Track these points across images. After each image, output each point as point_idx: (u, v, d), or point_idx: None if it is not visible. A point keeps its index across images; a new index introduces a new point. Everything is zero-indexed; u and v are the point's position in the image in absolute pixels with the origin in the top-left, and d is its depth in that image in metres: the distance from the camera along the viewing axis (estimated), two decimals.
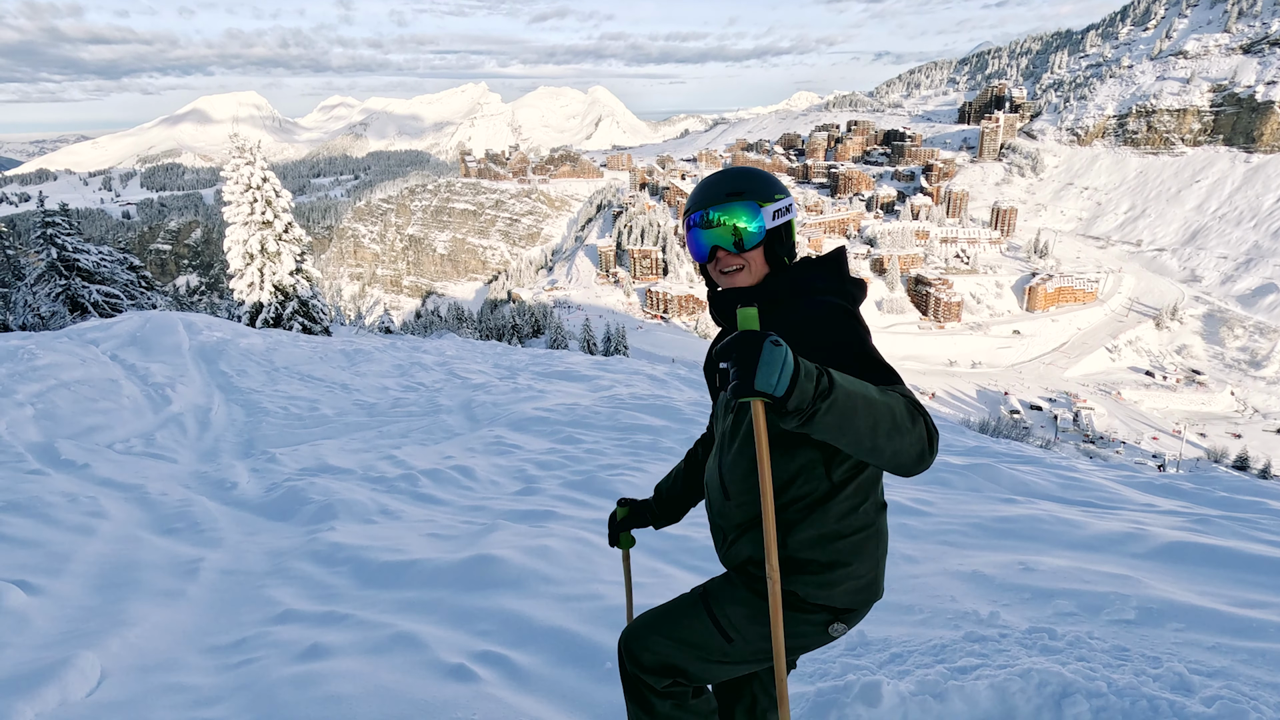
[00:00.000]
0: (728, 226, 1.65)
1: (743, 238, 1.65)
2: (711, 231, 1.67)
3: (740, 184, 1.67)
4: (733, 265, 1.68)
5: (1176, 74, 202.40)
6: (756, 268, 1.69)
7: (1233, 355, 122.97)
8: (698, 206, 1.69)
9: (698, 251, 1.71)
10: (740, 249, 1.66)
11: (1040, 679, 2.12)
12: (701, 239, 1.69)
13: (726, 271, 1.69)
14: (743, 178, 1.69)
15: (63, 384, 9.06)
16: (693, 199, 1.72)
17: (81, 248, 24.90)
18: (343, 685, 2.28)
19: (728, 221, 1.65)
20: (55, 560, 3.49)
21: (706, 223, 1.67)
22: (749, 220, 1.65)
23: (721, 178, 1.70)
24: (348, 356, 14.22)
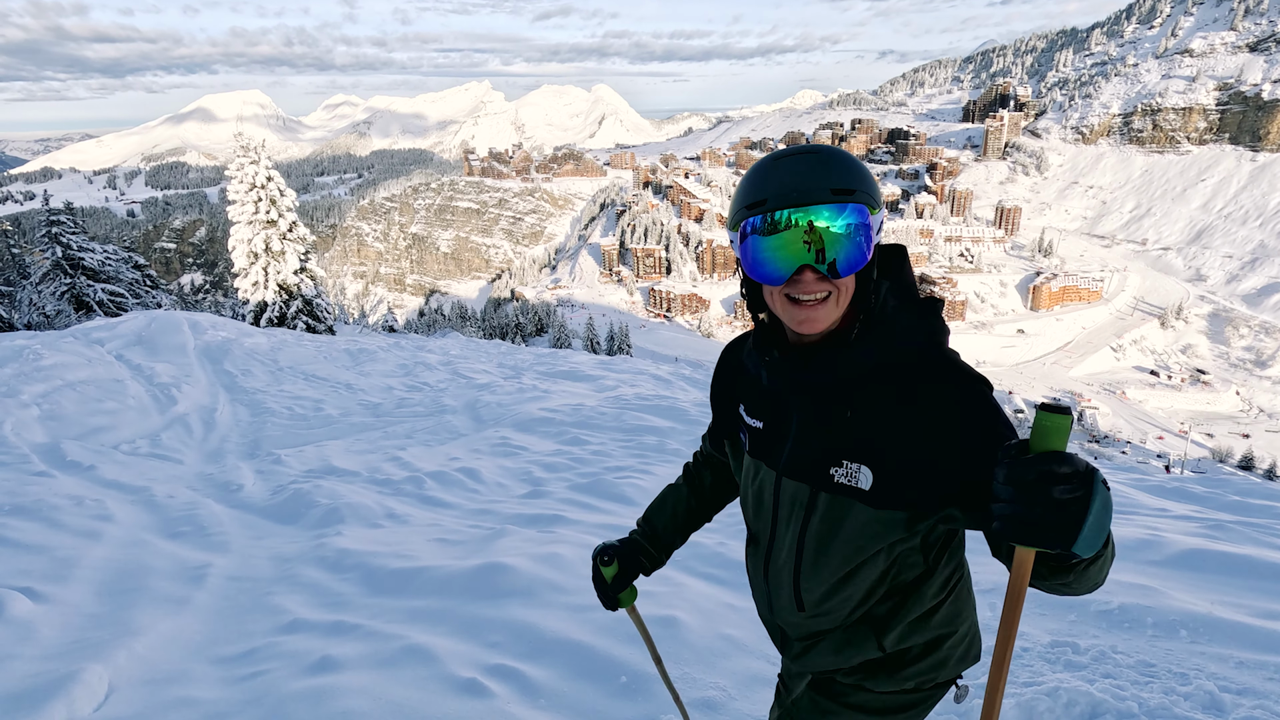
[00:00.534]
0: (821, 236, 1.12)
1: (841, 257, 1.13)
2: (794, 242, 1.13)
3: (849, 177, 1.13)
4: (818, 293, 1.15)
5: (1182, 72, 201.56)
6: (845, 298, 1.18)
7: (1238, 355, 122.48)
8: (778, 202, 1.13)
9: (768, 269, 1.16)
10: (834, 273, 1.14)
11: (1069, 698, 2.07)
12: (775, 252, 1.14)
13: (804, 301, 1.16)
14: (849, 168, 1.15)
15: (68, 384, 9.04)
16: (761, 187, 1.16)
17: (86, 246, 24.93)
18: (355, 701, 2.24)
19: (825, 231, 1.12)
20: (61, 566, 3.45)
21: (786, 226, 1.13)
22: (854, 232, 1.13)
23: (815, 163, 1.14)
24: (352, 356, 14.20)
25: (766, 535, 1.41)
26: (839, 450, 1.23)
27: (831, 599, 1.33)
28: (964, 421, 1.12)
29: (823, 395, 1.24)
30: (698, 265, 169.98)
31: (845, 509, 1.23)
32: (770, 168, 1.18)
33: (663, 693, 2.36)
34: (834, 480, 1.23)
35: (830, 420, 1.24)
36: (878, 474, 1.18)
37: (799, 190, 1.12)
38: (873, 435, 1.19)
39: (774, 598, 1.43)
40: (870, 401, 1.20)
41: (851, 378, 1.21)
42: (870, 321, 1.21)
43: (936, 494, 1.15)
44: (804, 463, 1.28)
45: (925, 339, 1.22)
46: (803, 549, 1.31)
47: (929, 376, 1.18)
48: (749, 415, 1.40)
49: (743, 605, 3.02)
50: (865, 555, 1.26)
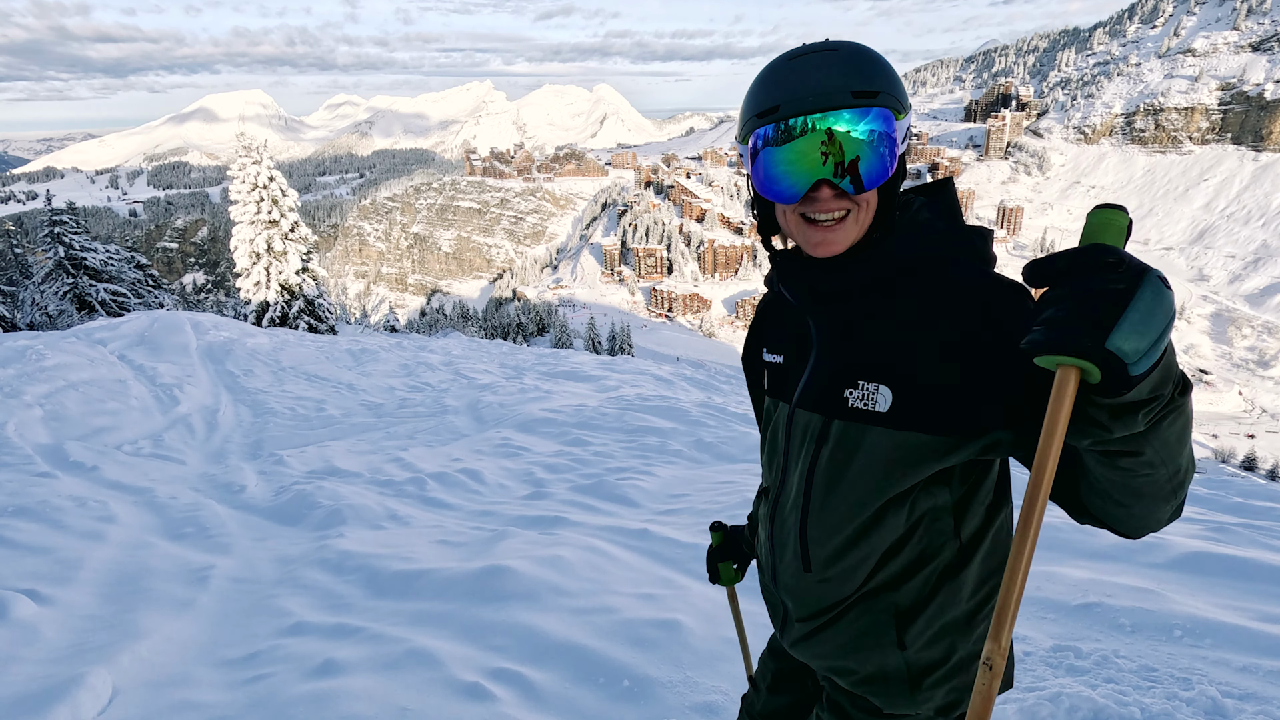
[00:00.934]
0: (841, 146, 0.98)
1: (862, 169, 0.99)
2: (809, 153, 0.99)
3: (873, 77, 0.99)
4: (838, 210, 1.02)
5: (1184, 72, 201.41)
6: (866, 216, 1.04)
7: (1240, 355, 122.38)
8: (792, 108, 0.98)
9: (781, 185, 1.02)
10: (857, 187, 1.00)
11: (1070, 703, 2.07)
12: (789, 165, 1.00)
13: (822, 221, 1.03)
14: (873, 67, 1.00)
15: (71, 385, 9.06)
16: (773, 91, 1.01)
17: (89, 246, 24.99)
18: (358, 705, 2.25)
19: (845, 138, 0.97)
20: (65, 568, 3.46)
21: (801, 133, 0.98)
22: (877, 141, 0.99)
23: (835, 62, 0.99)
24: (354, 356, 14.22)
25: (777, 481, 1.23)
26: (854, 368, 1.08)
27: (843, 558, 1.13)
28: (1002, 328, 0.96)
29: (838, 306, 1.11)
30: (699, 265, 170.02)
31: (860, 436, 1.07)
32: (784, 68, 1.02)
33: (666, 696, 2.36)
34: (848, 404, 1.08)
35: (846, 334, 1.11)
36: (898, 392, 1.03)
37: (816, 93, 0.98)
38: (893, 348, 1.04)
39: (778, 558, 1.24)
40: (889, 309, 1.07)
41: (868, 281, 1.07)
42: (892, 227, 1.08)
43: (971, 413, 0.98)
44: (818, 389, 1.13)
45: (960, 248, 1.07)
46: (810, 489, 1.14)
47: (960, 279, 1.03)
48: (770, 352, 1.28)
49: (747, 609, 3.02)
50: (883, 496, 1.07)
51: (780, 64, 1.03)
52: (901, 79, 1.05)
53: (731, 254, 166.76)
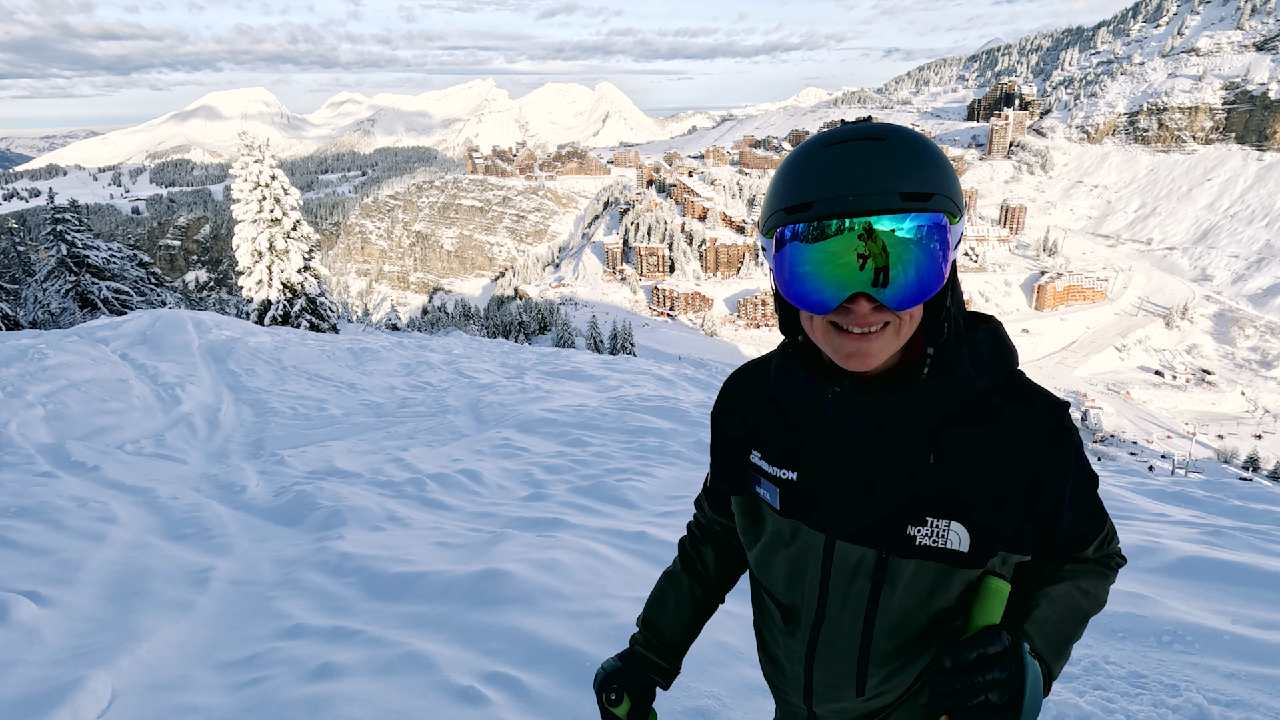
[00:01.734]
0: (885, 248, 0.86)
1: (906, 283, 0.87)
2: (846, 255, 0.87)
3: (926, 174, 0.87)
4: (874, 324, 0.90)
5: (1188, 71, 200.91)
6: (909, 328, 0.93)
7: (1243, 355, 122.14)
8: (829, 208, 0.86)
9: (810, 293, 0.90)
10: (895, 302, 0.88)
11: (1058, 710, 2.09)
12: (821, 267, 0.88)
13: (856, 332, 0.91)
14: (926, 162, 0.88)
15: (73, 384, 9.10)
16: (805, 184, 0.89)
17: (91, 244, 25.05)
18: (354, 709, 2.27)
19: (889, 240, 0.86)
20: (65, 569, 3.49)
21: (837, 232, 0.86)
22: (928, 252, 0.87)
23: (882, 155, 0.87)
24: (355, 355, 14.25)
25: (811, 613, 1.12)
26: (919, 505, 1.00)
27: (898, 676, 1.10)
28: (1061, 459, 0.99)
29: (898, 437, 1.01)
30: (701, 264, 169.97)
31: (937, 577, 1.01)
32: (819, 157, 0.89)
33: (659, 701, 2.38)
34: (915, 542, 1.00)
35: (904, 468, 1.01)
36: (973, 531, 0.98)
37: (858, 192, 0.85)
38: (960, 483, 0.98)
39: (819, 685, 1.15)
40: (955, 442, 0.99)
41: (937, 417, 0.99)
42: (947, 349, 0.99)
43: (1026, 535, 1.02)
44: (868, 521, 1.03)
45: (1005, 364, 1.02)
46: (872, 629, 1.06)
47: (1022, 412, 1.00)
48: (771, 464, 1.13)
49: (740, 612, 3.04)
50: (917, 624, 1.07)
51: (815, 151, 0.90)
52: (955, 175, 0.91)
53: (734, 253, 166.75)
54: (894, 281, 0.87)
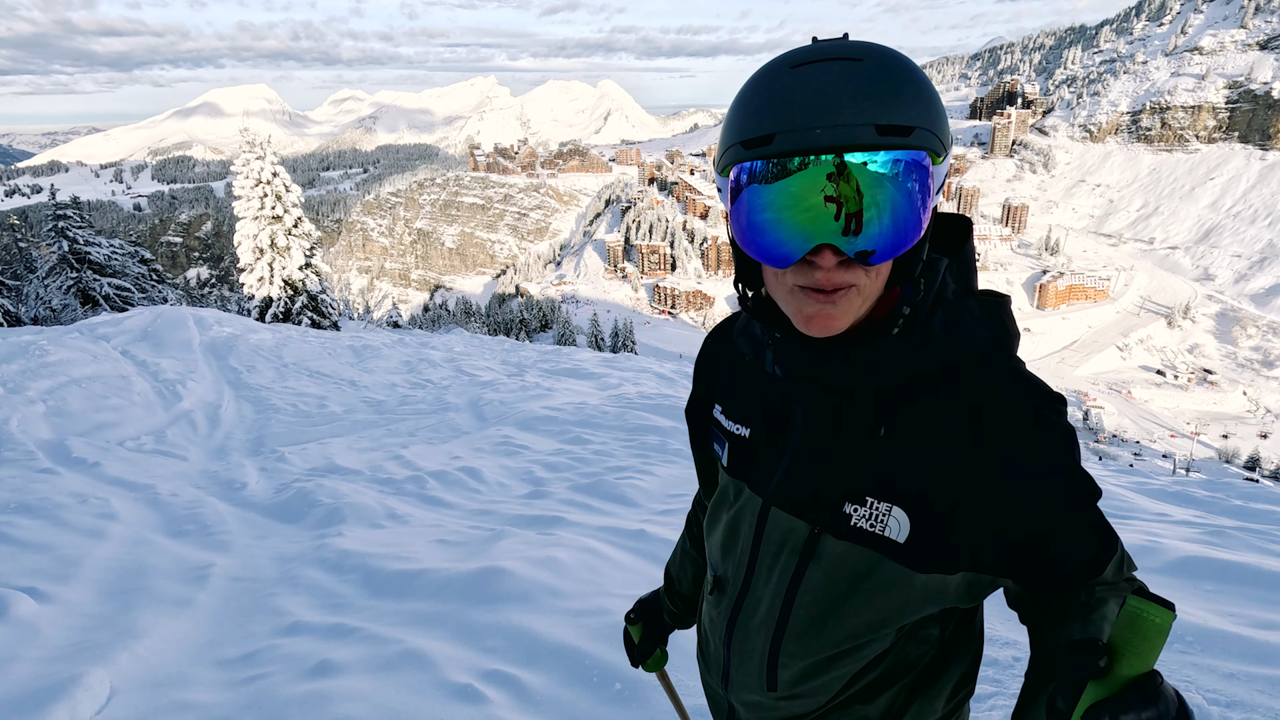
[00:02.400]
0: (856, 195, 0.73)
1: (879, 234, 0.75)
2: (810, 195, 0.74)
3: (908, 105, 0.74)
4: (839, 283, 0.78)
5: (1191, 70, 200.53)
6: (874, 288, 0.81)
7: (1245, 355, 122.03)
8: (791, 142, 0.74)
9: (769, 243, 0.78)
10: (864, 258, 0.76)
11: None
12: (783, 213, 0.76)
13: (820, 290, 0.79)
14: (907, 87, 0.75)
15: (74, 380, 9.11)
16: (768, 112, 0.75)
17: (93, 241, 25.08)
18: (352, 707, 2.27)
19: (860, 185, 0.73)
20: (65, 565, 3.50)
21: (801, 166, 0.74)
22: (905, 196, 0.75)
23: (855, 78, 0.73)
24: (356, 352, 14.26)
25: (738, 584, 1.02)
26: (861, 481, 0.88)
27: (815, 678, 0.97)
28: (1038, 457, 0.81)
29: (847, 401, 0.89)
30: (703, 262, 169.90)
31: (867, 565, 0.88)
32: (783, 80, 0.76)
33: (659, 700, 2.38)
34: (850, 522, 0.88)
35: (852, 438, 0.89)
36: (915, 521, 0.85)
37: (827, 123, 0.72)
38: (911, 466, 0.85)
39: (733, 667, 1.05)
40: (912, 419, 0.85)
41: (892, 383, 0.86)
42: (921, 312, 0.86)
43: (992, 552, 0.84)
44: (805, 491, 0.92)
45: (991, 343, 0.86)
46: (790, 609, 0.94)
47: (995, 393, 0.83)
48: (728, 419, 1.04)
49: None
50: (883, 629, 0.92)
51: (779, 73, 0.77)
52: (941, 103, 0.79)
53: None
54: (867, 229, 0.74)
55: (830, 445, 0.91)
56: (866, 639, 0.93)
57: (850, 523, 0.88)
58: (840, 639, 0.93)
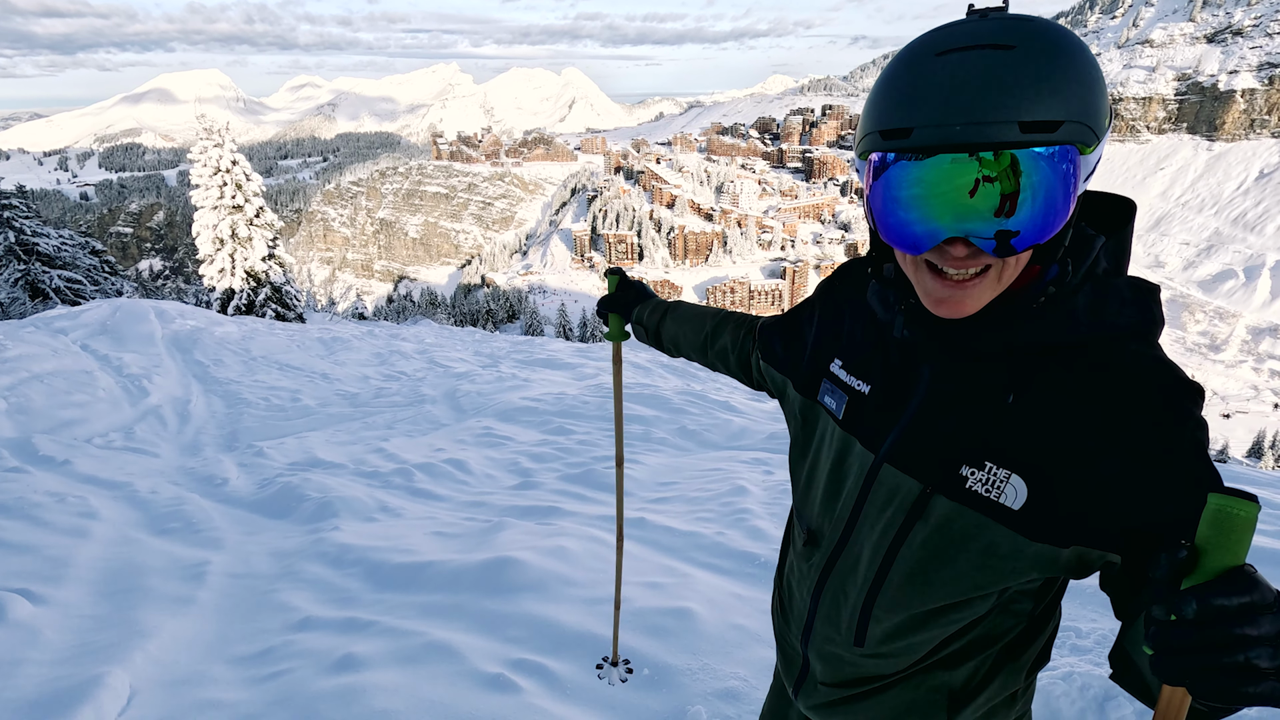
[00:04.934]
0: (997, 189, 0.73)
1: (1017, 227, 0.75)
2: (951, 186, 0.74)
3: (1058, 98, 0.72)
4: (973, 268, 0.79)
5: (1143, 62, 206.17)
6: (1011, 273, 0.81)
7: (1194, 339, 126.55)
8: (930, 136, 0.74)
9: (901, 228, 0.79)
10: (1005, 249, 0.76)
11: (1083, 681, 2.16)
12: (920, 202, 0.76)
13: (954, 277, 0.81)
14: (1059, 76, 0.72)
15: (35, 376, 8.78)
16: (909, 105, 0.76)
17: (41, 231, 24.15)
18: (388, 700, 2.24)
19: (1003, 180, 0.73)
20: (54, 566, 3.38)
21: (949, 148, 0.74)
22: (1049, 191, 0.74)
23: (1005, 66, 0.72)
24: (325, 345, 13.99)
25: (834, 537, 1.03)
26: (982, 446, 0.87)
27: (905, 638, 0.97)
28: (1167, 446, 0.78)
29: (977, 367, 0.89)
30: (670, 251, 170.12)
31: (975, 528, 0.87)
32: (926, 69, 0.75)
33: (688, 684, 2.40)
34: (965, 485, 0.87)
35: (978, 402, 0.88)
36: (1033, 491, 0.83)
37: (968, 120, 0.71)
38: (1036, 437, 0.84)
39: (819, 620, 1.05)
40: (1046, 385, 0.84)
41: (1026, 352, 0.85)
42: (1068, 287, 0.85)
43: (1110, 530, 0.80)
44: (922, 451, 0.92)
45: (1135, 325, 0.84)
46: (890, 565, 0.94)
47: (1132, 374, 0.81)
48: (849, 373, 1.04)
49: (749, 595, 3.08)
50: (980, 591, 0.91)
51: (923, 60, 0.76)
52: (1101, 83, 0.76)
53: (702, 240, 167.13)
54: (1020, 212, 0.74)
55: (954, 408, 0.90)
56: (963, 601, 0.92)
57: (965, 485, 0.87)
58: (937, 598, 0.92)
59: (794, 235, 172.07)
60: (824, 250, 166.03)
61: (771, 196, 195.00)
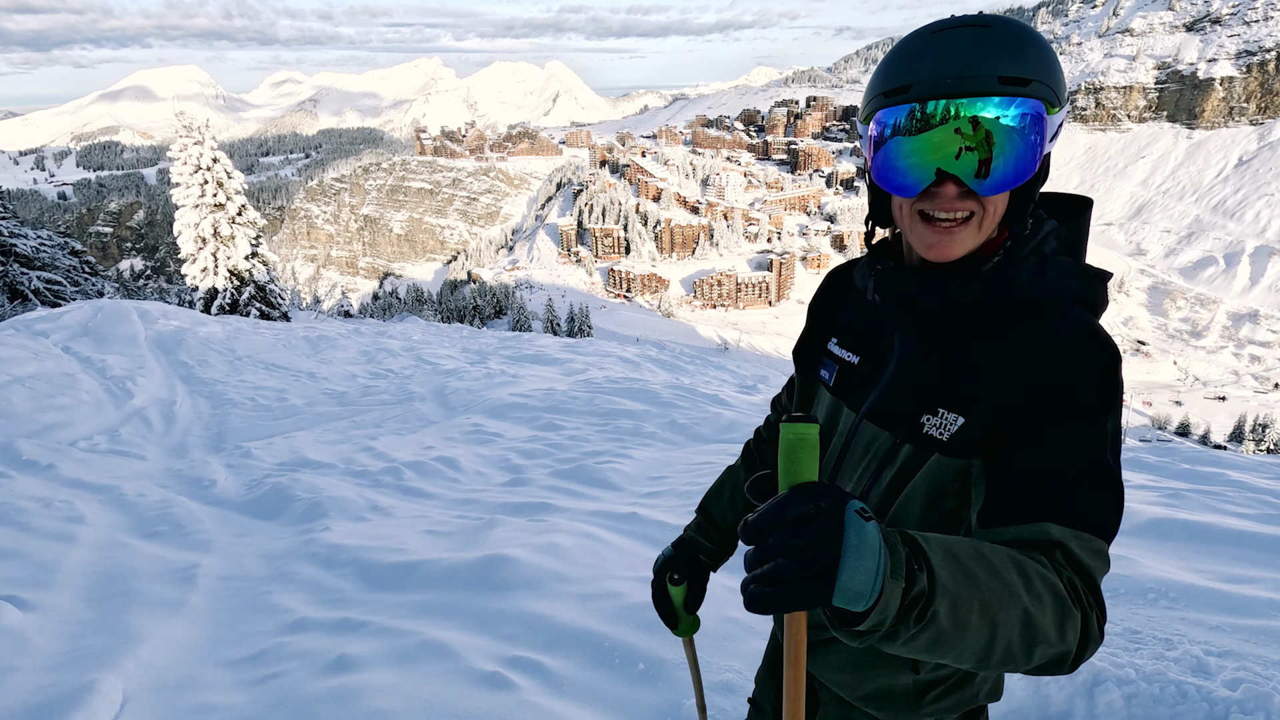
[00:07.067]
0: (980, 137, 0.89)
1: (996, 168, 0.90)
2: (943, 140, 0.89)
3: (1026, 59, 0.89)
4: (960, 211, 0.93)
5: (1123, 51, 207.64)
6: (990, 221, 0.95)
7: (1175, 326, 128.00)
8: (927, 89, 0.89)
9: (900, 176, 0.94)
10: (985, 187, 0.91)
11: None
12: (915, 155, 0.92)
13: (939, 220, 0.95)
14: (1027, 47, 0.90)
15: (16, 379, 8.67)
16: (906, 68, 0.92)
17: (19, 232, 23.78)
18: (384, 700, 2.24)
19: (985, 128, 0.88)
20: (41, 571, 3.34)
21: (941, 120, 0.89)
22: (1021, 136, 0.89)
23: (983, 40, 0.89)
24: (311, 343, 13.89)
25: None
26: (939, 394, 1.00)
27: None
28: (1071, 381, 0.90)
29: (936, 325, 1.02)
30: (656, 245, 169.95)
31: (919, 462, 1.01)
32: (923, 42, 0.92)
33: (683, 677, 2.41)
34: (923, 430, 1.00)
35: (938, 359, 1.02)
36: (968, 424, 0.97)
37: (956, 75, 0.88)
38: (982, 381, 0.97)
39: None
40: (991, 345, 0.98)
41: (968, 306, 0.99)
42: (1016, 255, 0.98)
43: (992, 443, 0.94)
44: (893, 407, 1.06)
45: (1074, 291, 0.98)
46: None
47: (1058, 324, 0.94)
48: (841, 347, 1.19)
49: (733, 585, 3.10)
50: (924, 525, 1.01)
51: (919, 36, 0.93)
52: (1059, 63, 0.93)
53: (689, 233, 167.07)
54: (993, 169, 0.90)
55: (920, 367, 1.04)
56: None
57: (923, 430, 1.00)
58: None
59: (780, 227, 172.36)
60: (810, 242, 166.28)
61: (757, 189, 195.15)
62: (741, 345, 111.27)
